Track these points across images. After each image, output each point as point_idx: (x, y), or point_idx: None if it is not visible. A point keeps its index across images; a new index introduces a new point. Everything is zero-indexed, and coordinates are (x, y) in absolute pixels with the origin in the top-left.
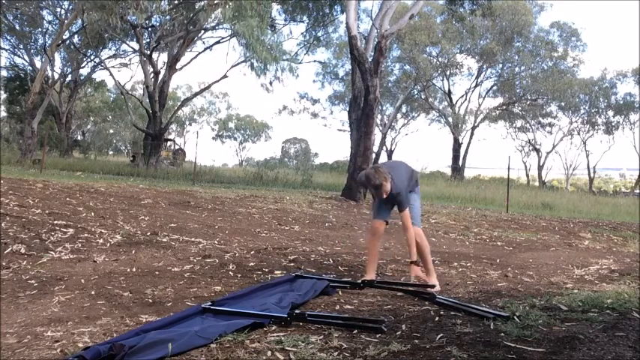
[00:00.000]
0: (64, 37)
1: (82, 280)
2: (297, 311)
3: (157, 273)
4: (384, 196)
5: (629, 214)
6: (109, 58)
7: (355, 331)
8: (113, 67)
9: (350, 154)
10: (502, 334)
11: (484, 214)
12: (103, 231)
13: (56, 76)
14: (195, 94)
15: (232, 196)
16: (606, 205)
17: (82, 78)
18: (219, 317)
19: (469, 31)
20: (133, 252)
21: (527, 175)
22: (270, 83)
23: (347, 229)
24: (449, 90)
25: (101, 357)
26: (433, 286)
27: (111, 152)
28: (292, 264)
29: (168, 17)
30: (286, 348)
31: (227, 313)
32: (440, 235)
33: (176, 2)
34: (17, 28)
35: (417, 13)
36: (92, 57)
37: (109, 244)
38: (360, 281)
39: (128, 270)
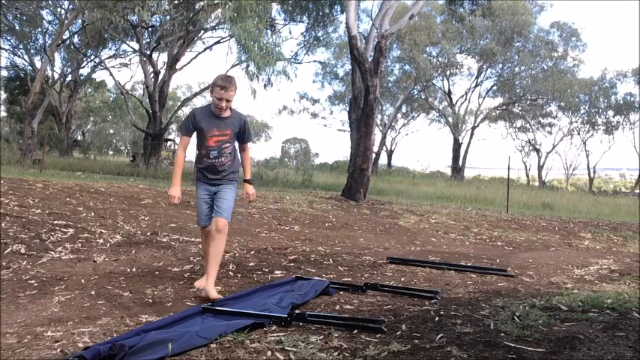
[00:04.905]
0: (64, 37)
1: (82, 280)
2: (297, 311)
3: (156, 273)
4: (224, 110)
5: (629, 214)
6: (109, 58)
7: (355, 331)
8: (113, 67)
9: (350, 154)
10: (502, 334)
11: (484, 214)
12: (103, 231)
13: (56, 76)
14: (195, 94)
15: None
16: (606, 205)
17: (82, 78)
18: (219, 317)
19: (469, 31)
20: (133, 252)
21: (527, 175)
22: (265, 86)
23: (347, 229)
24: (449, 90)
25: (101, 357)
26: (437, 292)
27: (111, 152)
28: (292, 264)
29: (168, 17)
30: (286, 348)
31: (227, 313)
32: (440, 235)
33: (176, 2)
34: (17, 28)
35: (417, 13)
36: (92, 57)
37: (109, 244)
38: (363, 285)
39: (128, 270)
